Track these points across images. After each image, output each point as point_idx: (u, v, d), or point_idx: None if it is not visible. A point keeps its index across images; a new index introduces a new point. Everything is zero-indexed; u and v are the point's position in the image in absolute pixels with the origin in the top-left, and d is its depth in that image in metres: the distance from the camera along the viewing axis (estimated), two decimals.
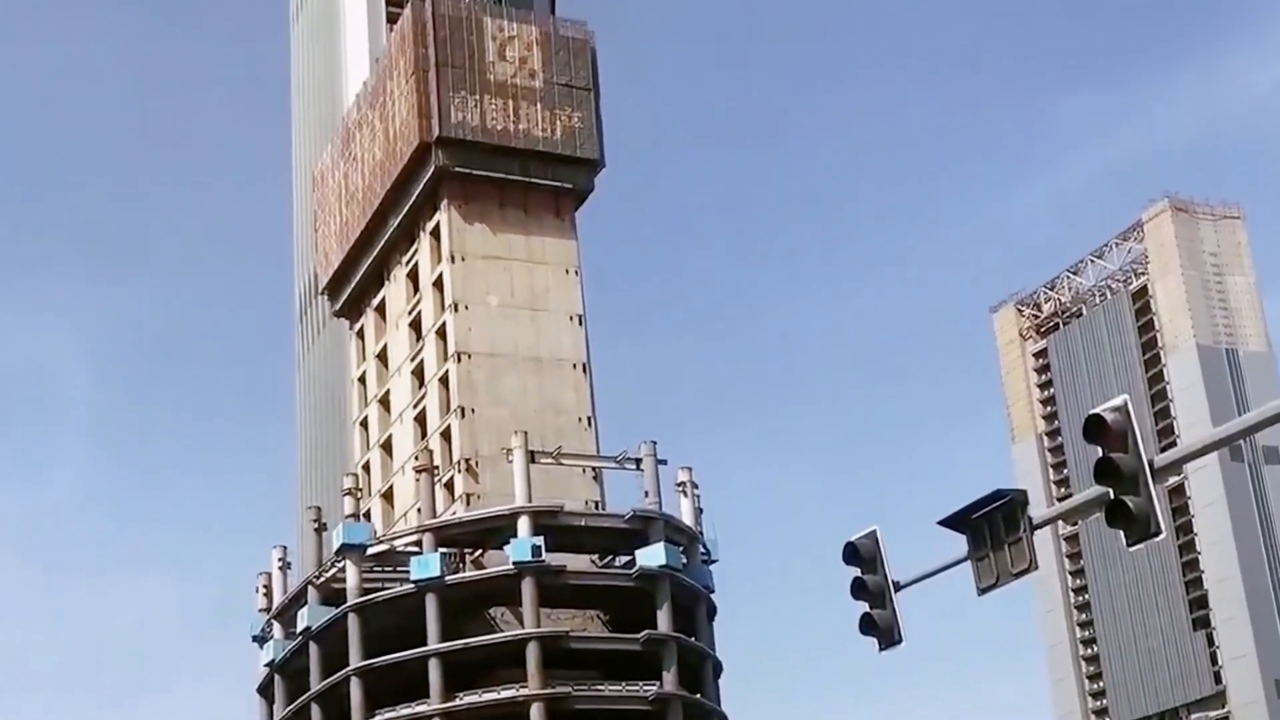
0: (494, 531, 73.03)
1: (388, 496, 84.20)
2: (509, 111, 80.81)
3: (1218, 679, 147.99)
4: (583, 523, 74.01)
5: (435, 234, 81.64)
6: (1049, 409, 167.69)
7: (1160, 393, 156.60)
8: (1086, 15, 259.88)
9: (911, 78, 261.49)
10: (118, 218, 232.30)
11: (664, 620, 71.49)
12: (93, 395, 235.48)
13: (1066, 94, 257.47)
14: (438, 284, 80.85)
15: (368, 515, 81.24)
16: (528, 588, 70.60)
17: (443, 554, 72.10)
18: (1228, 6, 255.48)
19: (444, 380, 79.17)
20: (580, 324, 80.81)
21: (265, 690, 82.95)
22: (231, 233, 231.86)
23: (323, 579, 77.25)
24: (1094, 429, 20.61)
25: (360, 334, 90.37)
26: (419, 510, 75.54)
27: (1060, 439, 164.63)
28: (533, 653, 69.99)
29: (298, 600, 78.54)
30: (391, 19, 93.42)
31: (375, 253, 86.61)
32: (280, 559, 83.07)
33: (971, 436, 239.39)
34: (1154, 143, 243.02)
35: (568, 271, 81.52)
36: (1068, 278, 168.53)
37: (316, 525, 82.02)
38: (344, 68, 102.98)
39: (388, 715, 72.24)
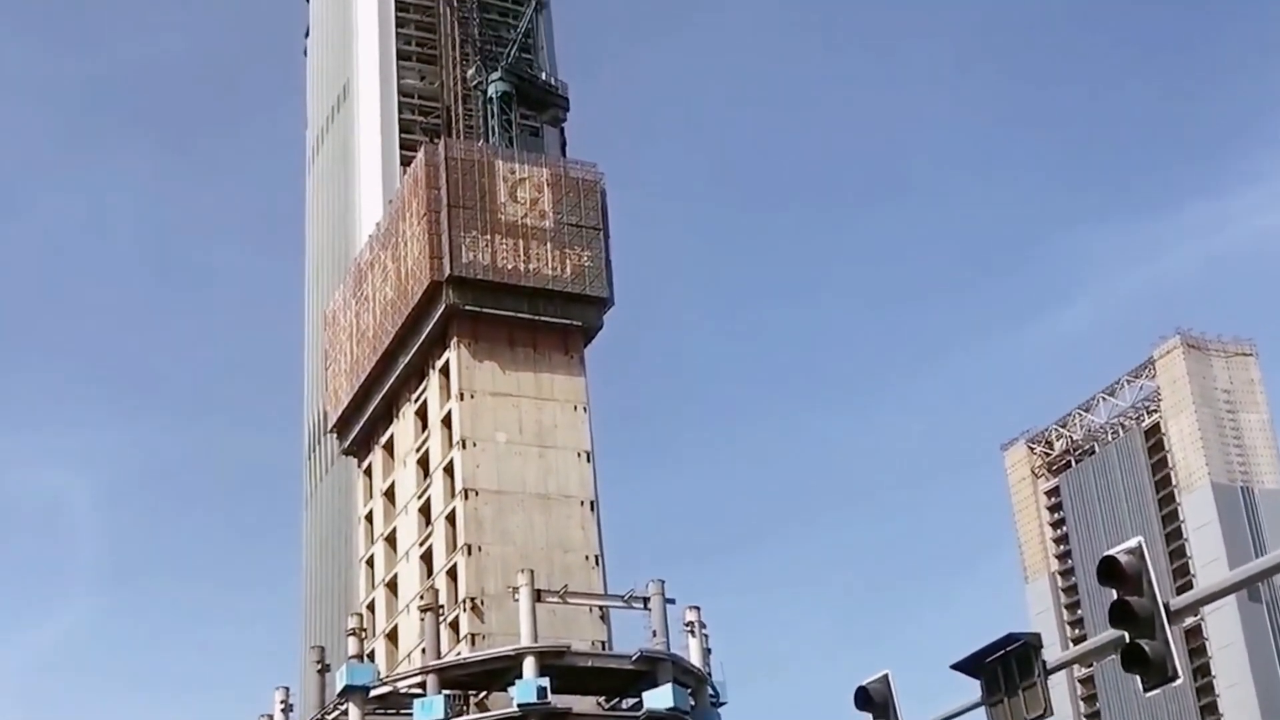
0: (499, 672, 71.88)
1: (392, 636, 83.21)
2: (519, 251, 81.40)
3: None
4: (589, 663, 72.84)
5: (445, 371, 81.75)
6: (1062, 548, 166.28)
7: (1175, 531, 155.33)
8: (1095, 152, 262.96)
9: (921, 215, 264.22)
10: (131, 356, 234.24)
11: None
12: (101, 534, 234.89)
13: (1076, 230, 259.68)
14: (446, 421, 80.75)
15: (371, 655, 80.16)
16: None
17: (447, 696, 70.91)
18: (1234, 147, 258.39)
19: (450, 518, 78.69)
20: (588, 461, 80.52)
21: None
22: (243, 371, 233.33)
23: None
24: (1108, 571, 20.23)
25: (368, 472, 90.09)
26: (423, 650, 74.49)
27: (1074, 578, 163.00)
28: None
29: None
30: (405, 162, 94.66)
31: (385, 391, 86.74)
32: (283, 700, 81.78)
33: (984, 575, 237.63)
34: (1164, 279, 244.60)
35: (576, 408, 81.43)
36: (1079, 415, 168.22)
37: (319, 666, 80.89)
38: (357, 210, 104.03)
39: None
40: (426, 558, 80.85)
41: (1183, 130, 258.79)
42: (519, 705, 69.74)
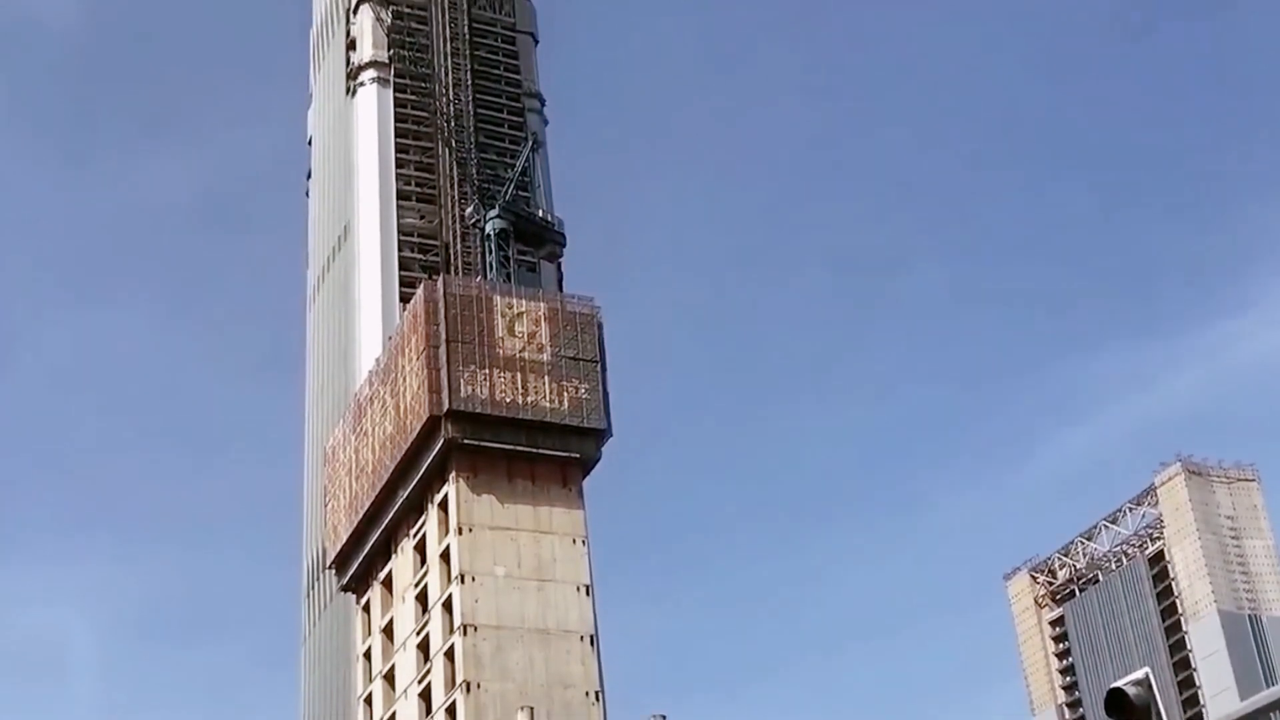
0: None
1: None
2: (517, 384, 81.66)
3: None
4: None
5: (443, 506, 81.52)
6: (1068, 679, 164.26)
7: (1183, 660, 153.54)
8: (1095, 279, 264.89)
9: (921, 343, 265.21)
10: (132, 492, 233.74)
11: None
12: (99, 671, 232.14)
13: (1076, 357, 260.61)
14: (445, 556, 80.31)
15: None
16: None
17: None
18: (1233, 272, 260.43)
19: (449, 654, 77.88)
20: (588, 594, 79.96)
21: None
22: (242, 507, 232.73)
23: None
24: (1116, 704, 19.99)
25: (366, 608, 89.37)
26: None
27: (1081, 710, 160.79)
28: None
29: None
30: (404, 299, 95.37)
31: (383, 526, 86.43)
32: None
33: (990, 708, 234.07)
34: (1165, 404, 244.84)
35: (575, 542, 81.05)
36: (1082, 543, 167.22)
37: None
38: (357, 346, 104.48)
39: None
40: (425, 695, 79.91)
41: (1182, 256, 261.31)
42: None
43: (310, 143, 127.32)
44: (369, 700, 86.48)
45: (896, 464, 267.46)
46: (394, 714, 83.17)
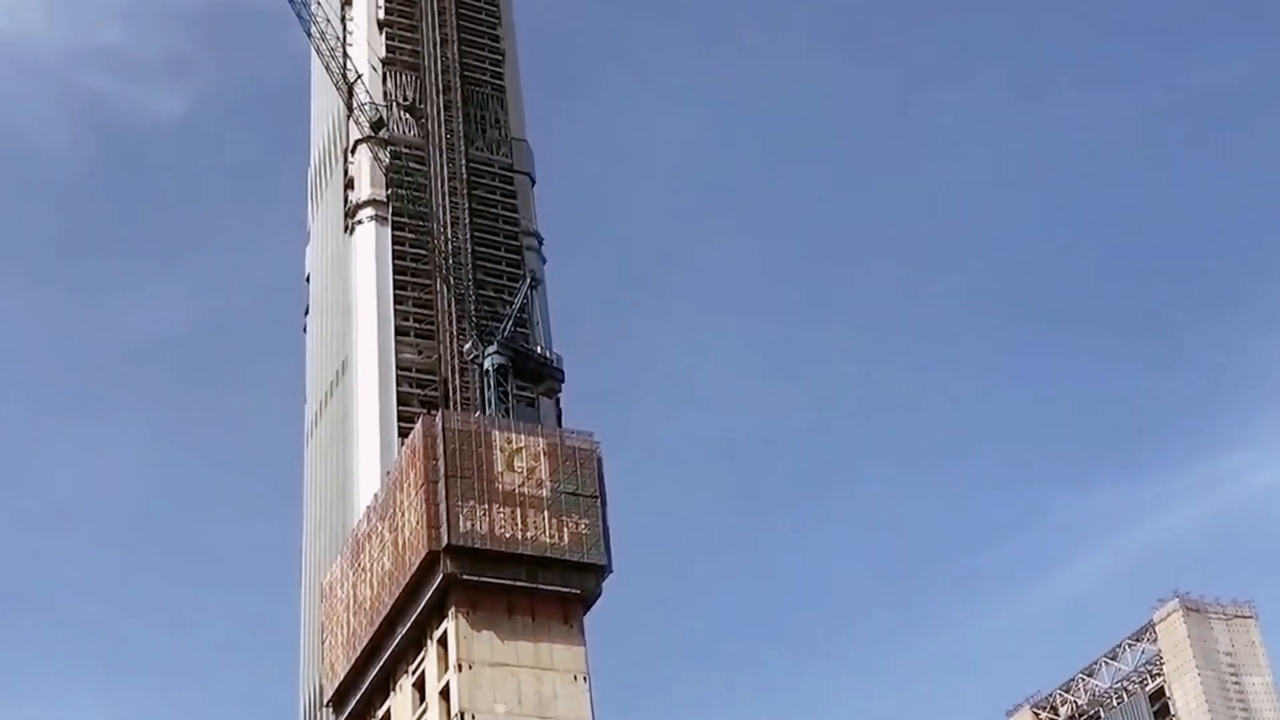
0: None
1: None
2: (517, 520, 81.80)
3: None
4: None
5: (442, 642, 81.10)
6: None
7: None
8: (1089, 415, 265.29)
9: (917, 478, 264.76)
10: (125, 627, 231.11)
11: None
12: None
13: (1070, 493, 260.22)
14: (444, 693, 79.71)
15: None
16: None
17: None
18: (1227, 407, 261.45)
19: None
20: None
21: None
22: (238, 644, 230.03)
23: None
24: None
25: None
26: None
27: None
28: None
29: None
30: (403, 434, 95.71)
31: (381, 662, 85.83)
32: None
33: None
34: (1160, 540, 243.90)
35: (576, 678, 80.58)
36: (1083, 679, 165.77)
37: None
38: (355, 482, 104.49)
39: None
40: None
41: (1173, 390, 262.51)
42: None
43: (308, 279, 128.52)
44: None
45: (897, 593, 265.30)
46: None
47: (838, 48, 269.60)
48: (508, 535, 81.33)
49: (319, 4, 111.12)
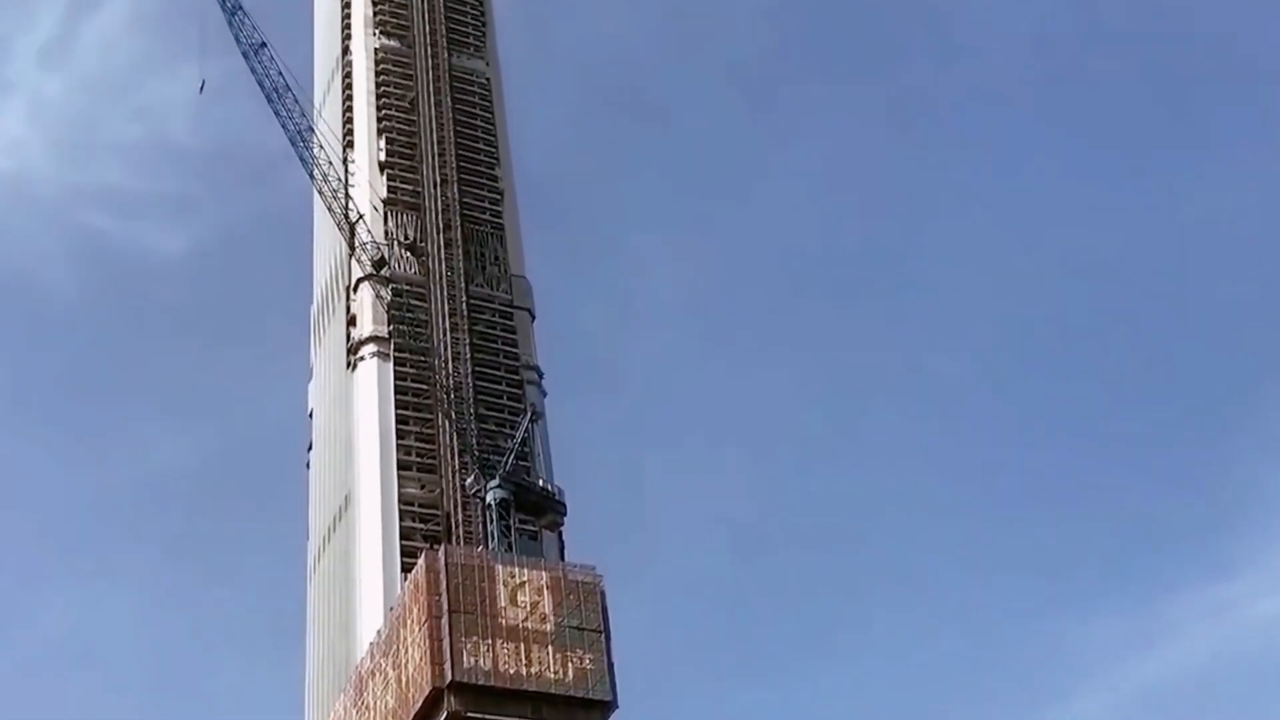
0: None
1: None
2: (521, 655, 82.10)
3: None
4: None
5: None
6: None
7: None
8: (1087, 542, 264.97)
9: (922, 608, 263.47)
10: None
11: None
12: None
13: (1080, 620, 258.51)
14: None
15: None
16: None
17: None
18: (1232, 532, 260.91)
19: None
20: None
21: None
22: None
23: None
24: None
25: None
26: None
27: None
28: None
29: None
30: (406, 569, 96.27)
31: None
32: None
33: None
34: (1166, 669, 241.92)
35: None
36: None
37: None
38: (358, 618, 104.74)
39: None
40: None
41: (1175, 517, 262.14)
42: None
43: (311, 416, 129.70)
44: None
45: None
46: None
47: (839, 191, 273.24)
48: (512, 671, 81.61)
49: (321, 146, 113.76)
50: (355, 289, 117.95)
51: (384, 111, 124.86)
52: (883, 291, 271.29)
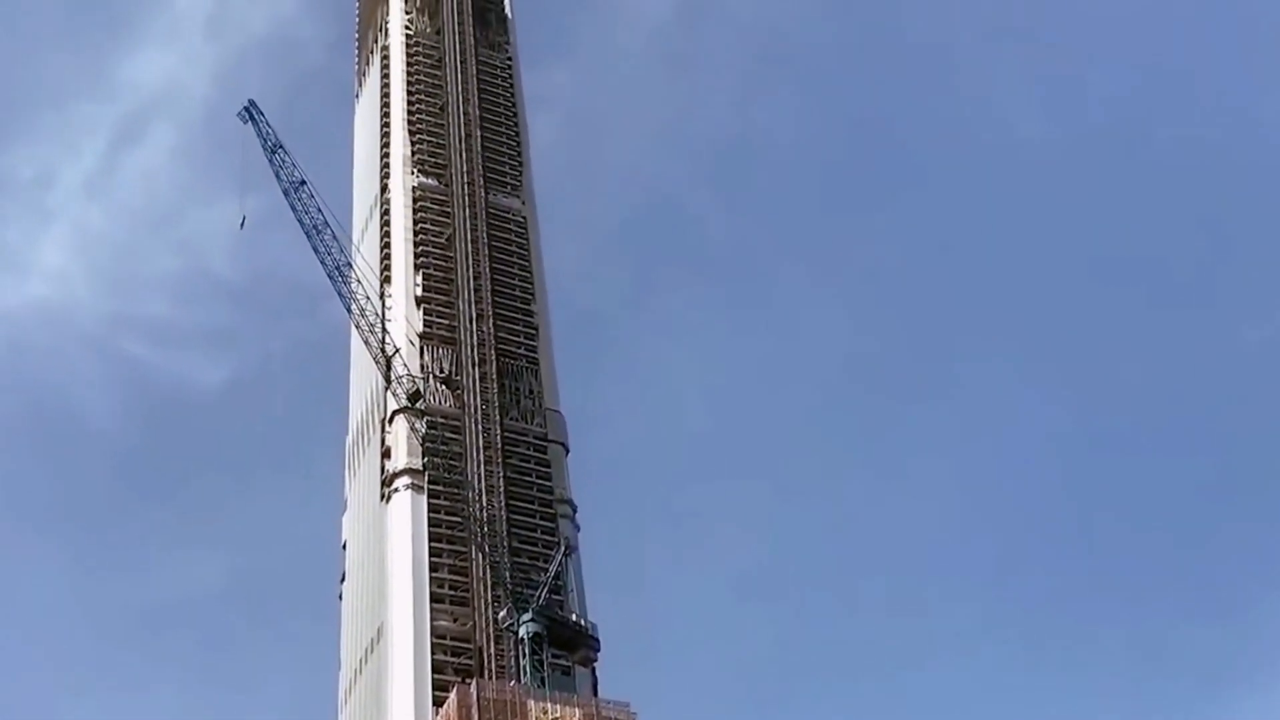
0: None
1: None
2: None
3: None
4: None
5: None
6: None
7: None
8: (1103, 679, 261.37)
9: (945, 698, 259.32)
10: None
11: None
12: None
13: None
14: None
15: None
16: None
17: None
18: (1245, 669, 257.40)
19: None
20: None
21: None
22: None
23: None
24: None
25: None
26: None
27: None
28: None
29: None
30: (438, 702, 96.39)
31: None
32: None
33: None
34: None
35: None
36: None
37: None
38: None
39: None
40: None
41: (1193, 651, 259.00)
42: None
43: (345, 547, 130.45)
44: None
45: None
46: None
47: (869, 310, 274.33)
48: None
49: (359, 281, 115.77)
50: (390, 421, 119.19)
51: (421, 248, 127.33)
52: (918, 426, 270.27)
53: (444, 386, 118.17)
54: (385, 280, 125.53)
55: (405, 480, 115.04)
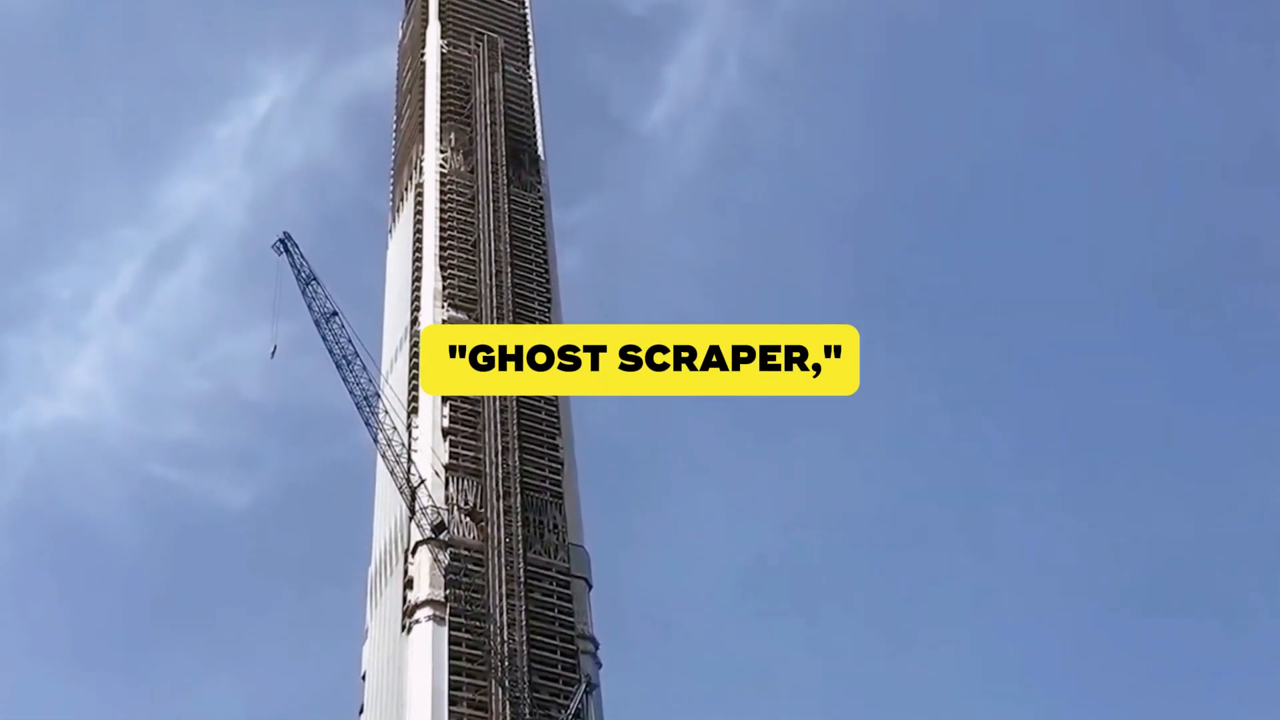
0: None
1: None
2: None
3: None
4: None
5: None
6: None
7: None
8: None
9: None
10: None
11: None
12: None
13: None
14: None
15: None
16: None
17: None
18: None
19: None
20: None
21: None
22: None
23: None
24: None
25: None
26: None
27: None
28: None
29: None
30: None
31: None
32: None
33: None
34: None
35: None
36: None
37: None
38: None
39: None
40: None
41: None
42: None
43: (364, 677, 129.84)
44: None
45: None
46: None
47: (900, 445, 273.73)
48: None
49: (387, 411, 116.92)
50: (413, 552, 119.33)
51: None
52: (953, 552, 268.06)
53: (468, 518, 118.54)
54: (412, 411, 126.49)
55: (427, 611, 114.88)
